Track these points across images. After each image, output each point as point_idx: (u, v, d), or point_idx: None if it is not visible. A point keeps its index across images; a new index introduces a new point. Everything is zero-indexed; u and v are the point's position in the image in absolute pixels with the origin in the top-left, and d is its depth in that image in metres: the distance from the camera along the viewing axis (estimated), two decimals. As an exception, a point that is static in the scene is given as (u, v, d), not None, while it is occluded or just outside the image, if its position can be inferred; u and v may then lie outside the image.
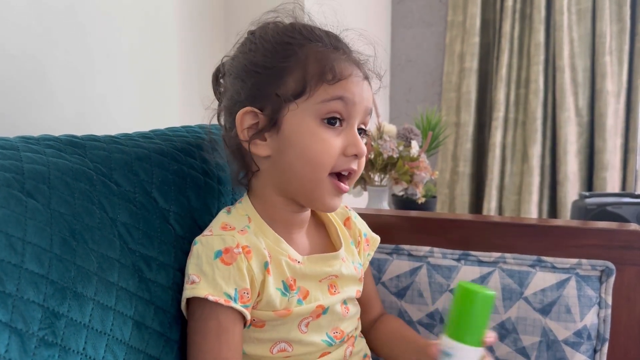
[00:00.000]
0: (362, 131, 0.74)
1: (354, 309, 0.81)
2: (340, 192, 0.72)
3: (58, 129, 0.78)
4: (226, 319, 0.67)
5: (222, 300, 0.66)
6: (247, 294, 0.68)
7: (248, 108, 0.71)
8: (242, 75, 0.72)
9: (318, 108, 0.69)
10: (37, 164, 0.63)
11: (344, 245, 0.80)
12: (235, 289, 0.67)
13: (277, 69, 0.70)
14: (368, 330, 0.88)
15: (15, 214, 0.57)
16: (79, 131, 0.77)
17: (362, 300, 0.85)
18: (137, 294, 0.66)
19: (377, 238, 0.88)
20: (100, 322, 0.61)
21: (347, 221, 0.85)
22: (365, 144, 0.81)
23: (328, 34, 0.74)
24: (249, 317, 0.69)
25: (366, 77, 0.73)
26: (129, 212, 0.70)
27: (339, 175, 0.72)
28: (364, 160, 0.74)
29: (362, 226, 0.87)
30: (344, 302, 0.78)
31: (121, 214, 0.69)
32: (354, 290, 0.81)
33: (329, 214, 0.82)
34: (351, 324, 0.80)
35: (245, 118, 0.71)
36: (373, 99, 0.81)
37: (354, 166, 0.72)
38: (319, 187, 0.70)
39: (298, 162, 0.70)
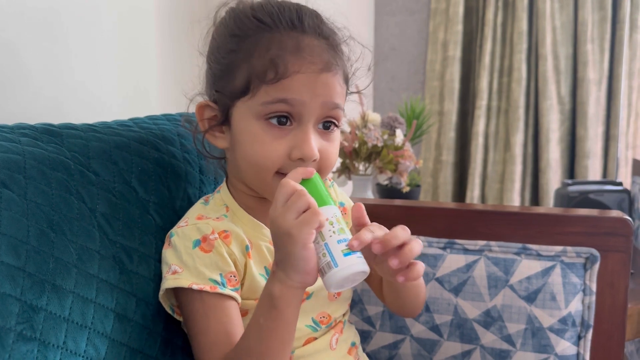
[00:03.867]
0: (330, 124, 0.68)
1: (347, 294, 0.80)
2: None
3: (34, 118, 0.76)
4: (215, 307, 0.65)
5: (207, 287, 0.65)
6: (234, 277, 0.67)
7: (204, 102, 0.71)
8: (208, 60, 0.72)
9: (261, 109, 0.65)
10: (12, 153, 0.61)
11: None
12: (220, 274, 0.66)
13: (225, 64, 0.68)
14: (380, 293, 0.82)
15: (-11, 204, 0.55)
16: (56, 120, 0.75)
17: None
18: (119, 286, 0.65)
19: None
20: (80, 315, 0.59)
21: None
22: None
23: (290, 9, 0.67)
24: (239, 300, 0.68)
25: (328, 68, 0.65)
26: (109, 202, 0.68)
27: None
28: (328, 160, 0.69)
29: (341, 196, 0.85)
30: None
31: (100, 204, 0.67)
32: None
33: None
34: (340, 308, 0.78)
35: (204, 110, 0.71)
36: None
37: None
38: (267, 187, 0.68)
39: (244, 161, 0.68)
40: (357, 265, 0.56)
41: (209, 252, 0.66)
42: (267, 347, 0.60)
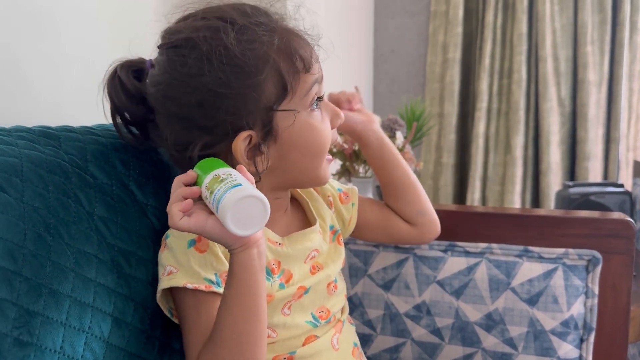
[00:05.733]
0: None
1: (342, 285, 0.81)
2: (330, 162, 0.74)
3: (32, 120, 0.75)
4: (207, 303, 0.65)
5: (202, 286, 0.64)
6: None
7: (243, 133, 0.64)
8: (211, 100, 0.63)
9: (305, 100, 0.68)
10: (9, 156, 0.60)
11: (317, 218, 0.80)
12: (216, 274, 0.66)
13: (256, 83, 0.64)
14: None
15: (-15, 208, 0.54)
16: (54, 122, 0.74)
17: (382, 222, 0.88)
18: (116, 290, 0.65)
19: (354, 188, 0.88)
20: (78, 320, 0.59)
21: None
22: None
23: (262, 12, 0.68)
24: None
25: (309, 41, 0.71)
26: (106, 206, 0.67)
27: None
28: None
29: (334, 184, 0.87)
30: (334, 280, 0.78)
31: (98, 207, 0.66)
32: (339, 260, 0.81)
33: (298, 189, 0.82)
34: (338, 302, 0.79)
35: (240, 145, 0.65)
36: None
37: (336, 136, 0.75)
38: (320, 170, 0.72)
39: (304, 158, 0.70)
40: (228, 207, 0.55)
41: (204, 252, 0.66)
42: (234, 316, 0.60)
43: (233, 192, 0.55)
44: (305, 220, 0.81)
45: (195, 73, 0.63)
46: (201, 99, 0.63)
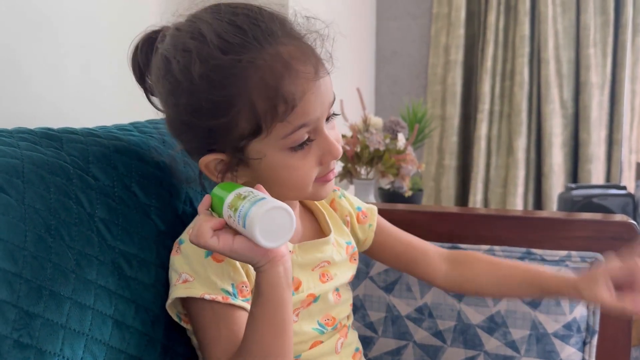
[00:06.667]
0: (332, 116, 0.67)
1: (346, 295, 0.80)
2: (328, 182, 0.69)
3: (34, 122, 0.75)
4: (226, 316, 0.64)
5: (219, 297, 0.64)
6: (246, 287, 0.66)
7: (210, 157, 0.65)
8: (183, 119, 0.64)
9: (283, 142, 0.63)
10: (10, 158, 0.60)
11: (333, 230, 0.78)
12: (232, 284, 0.65)
13: (224, 119, 0.61)
14: (444, 272, 0.83)
15: (-14, 209, 0.54)
16: (56, 124, 0.74)
17: (410, 253, 0.84)
18: (117, 292, 0.64)
19: (374, 208, 0.86)
20: (78, 322, 0.58)
21: (332, 203, 0.83)
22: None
23: (250, 25, 0.61)
24: None
25: (319, 70, 0.63)
26: (108, 207, 0.67)
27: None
28: (340, 144, 0.69)
29: (353, 202, 0.85)
30: (336, 289, 0.77)
31: (99, 209, 0.66)
32: (348, 275, 0.79)
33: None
34: (343, 310, 0.79)
35: (210, 163, 0.66)
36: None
37: (334, 166, 0.69)
38: (307, 195, 0.69)
39: (278, 188, 0.65)
40: (256, 219, 0.55)
41: (221, 261, 0.65)
42: (262, 333, 0.60)
43: (259, 205, 0.56)
44: (319, 230, 0.80)
45: (170, 92, 0.64)
46: (175, 116, 0.66)
